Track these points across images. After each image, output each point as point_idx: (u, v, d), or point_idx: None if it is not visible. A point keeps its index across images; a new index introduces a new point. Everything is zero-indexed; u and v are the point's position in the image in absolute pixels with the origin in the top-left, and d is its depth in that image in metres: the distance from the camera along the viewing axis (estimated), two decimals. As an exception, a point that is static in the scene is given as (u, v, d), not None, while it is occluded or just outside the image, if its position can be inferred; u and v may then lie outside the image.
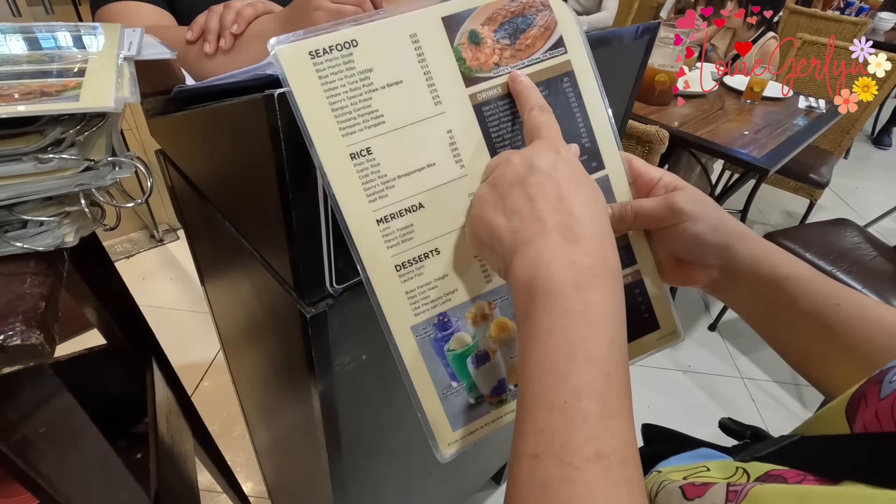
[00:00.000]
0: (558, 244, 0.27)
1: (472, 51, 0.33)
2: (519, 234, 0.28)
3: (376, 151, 0.31)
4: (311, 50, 0.29)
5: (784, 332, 0.36)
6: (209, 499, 1.23)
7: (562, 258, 0.26)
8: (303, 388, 0.53)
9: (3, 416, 0.32)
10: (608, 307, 0.26)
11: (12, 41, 0.40)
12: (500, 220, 0.29)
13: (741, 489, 0.24)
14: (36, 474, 0.35)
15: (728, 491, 0.25)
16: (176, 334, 1.63)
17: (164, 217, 2.03)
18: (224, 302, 0.74)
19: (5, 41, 0.40)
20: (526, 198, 0.28)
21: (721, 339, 1.80)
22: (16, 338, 0.26)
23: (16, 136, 0.31)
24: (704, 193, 0.36)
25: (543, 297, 0.26)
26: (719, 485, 0.26)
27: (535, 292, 0.26)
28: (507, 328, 0.35)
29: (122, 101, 0.32)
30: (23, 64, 0.37)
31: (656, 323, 0.39)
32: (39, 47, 0.40)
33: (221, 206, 0.54)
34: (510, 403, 0.35)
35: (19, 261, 0.31)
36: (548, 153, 0.30)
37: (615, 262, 0.28)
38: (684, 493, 0.28)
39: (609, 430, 0.23)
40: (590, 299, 0.26)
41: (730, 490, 0.25)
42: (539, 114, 0.32)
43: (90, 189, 0.32)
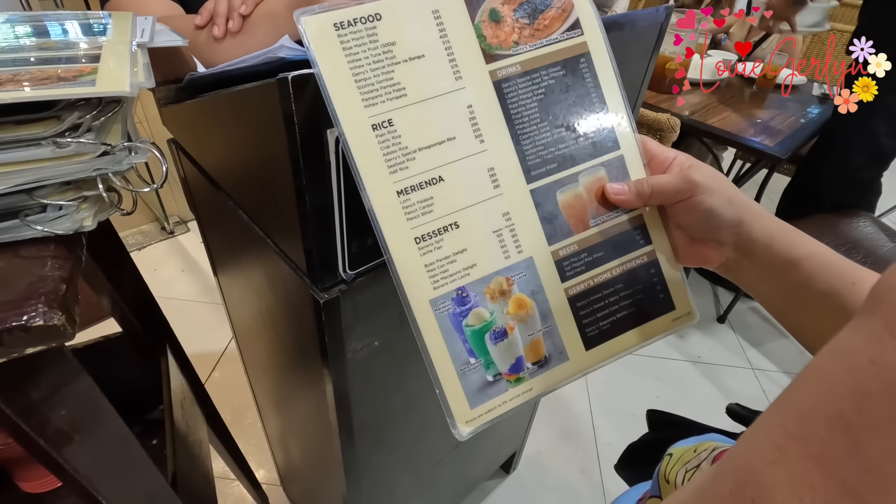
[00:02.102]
0: None
1: (493, 28, 0.34)
2: None
3: (397, 123, 0.31)
4: (335, 22, 0.30)
5: (799, 313, 0.36)
6: (222, 485, 1.25)
7: None
8: (316, 374, 0.53)
9: (27, 398, 0.32)
10: None
11: (25, 29, 0.41)
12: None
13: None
14: (58, 456, 0.36)
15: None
16: (187, 325, 1.64)
17: (175, 209, 2.04)
18: (237, 290, 0.74)
19: (18, 29, 0.40)
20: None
21: (731, 331, 1.79)
22: (38, 319, 0.27)
23: (34, 122, 0.31)
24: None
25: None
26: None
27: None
28: (524, 305, 0.35)
29: (138, 86, 0.32)
30: (37, 51, 0.37)
31: (672, 304, 0.39)
32: (52, 34, 0.41)
33: (234, 194, 0.54)
34: (527, 382, 0.35)
35: (39, 244, 0.31)
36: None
37: None
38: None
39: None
40: None
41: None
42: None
43: (107, 173, 0.32)
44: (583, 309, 0.37)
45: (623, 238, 0.38)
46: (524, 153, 0.35)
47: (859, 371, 0.15)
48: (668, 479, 0.32)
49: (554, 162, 0.36)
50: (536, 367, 0.36)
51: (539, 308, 0.36)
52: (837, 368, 0.16)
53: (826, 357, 0.16)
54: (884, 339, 0.14)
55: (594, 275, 0.37)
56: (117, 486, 0.42)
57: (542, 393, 0.36)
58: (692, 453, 0.31)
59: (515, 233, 0.35)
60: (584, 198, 0.37)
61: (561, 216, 0.36)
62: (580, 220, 0.37)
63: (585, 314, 0.37)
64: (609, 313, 0.38)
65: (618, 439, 1.42)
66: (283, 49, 0.37)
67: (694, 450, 0.31)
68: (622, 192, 0.37)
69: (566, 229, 0.37)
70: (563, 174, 0.36)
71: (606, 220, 0.37)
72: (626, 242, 0.38)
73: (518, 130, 0.35)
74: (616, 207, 0.38)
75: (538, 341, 0.36)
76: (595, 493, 1.30)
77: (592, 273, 0.37)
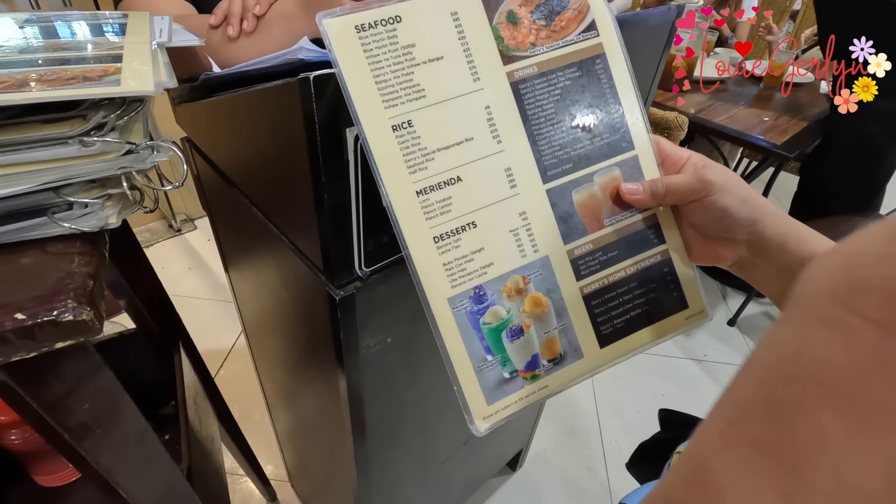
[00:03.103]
0: None
1: (510, 30, 0.34)
2: None
3: (417, 124, 0.32)
4: (357, 24, 0.30)
5: None
6: (231, 481, 1.26)
7: None
8: (329, 370, 0.54)
9: (52, 392, 0.33)
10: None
11: (46, 29, 0.41)
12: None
13: None
14: (81, 449, 0.37)
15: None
16: (195, 322, 1.64)
17: (182, 207, 2.06)
18: (248, 287, 0.75)
19: (39, 29, 0.41)
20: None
21: (738, 331, 1.79)
22: (68, 314, 0.27)
23: (59, 121, 0.32)
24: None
25: None
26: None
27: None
28: (540, 303, 0.36)
29: (162, 86, 0.33)
30: (60, 51, 0.38)
31: (685, 302, 0.40)
32: (72, 35, 0.41)
33: (248, 192, 0.55)
34: (543, 379, 0.36)
35: (66, 241, 0.32)
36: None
37: None
38: None
39: None
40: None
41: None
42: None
43: (131, 172, 0.33)
44: (597, 307, 0.37)
45: (637, 237, 0.38)
46: (540, 153, 0.35)
47: (786, 359, 0.16)
48: None
49: (570, 162, 0.36)
50: (552, 365, 0.36)
51: (554, 306, 0.36)
52: (768, 358, 0.17)
53: (760, 348, 0.18)
54: (805, 328, 0.16)
55: (609, 273, 0.38)
56: (136, 479, 0.43)
57: (558, 390, 0.36)
58: None
59: (532, 232, 0.35)
60: (598, 197, 0.37)
61: (576, 215, 0.37)
62: (595, 220, 0.37)
63: (600, 312, 0.37)
64: (623, 311, 0.38)
65: (624, 438, 1.43)
66: (303, 51, 0.38)
67: None
68: (637, 192, 0.37)
69: (581, 228, 0.37)
70: (578, 174, 0.37)
71: (621, 219, 0.38)
72: (641, 241, 0.38)
73: (535, 131, 0.35)
74: (630, 207, 0.38)
75: (553, 339, 0.36)
76: (601, 491, 1.31)
77: (607, 272, 0.38)
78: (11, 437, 0.58)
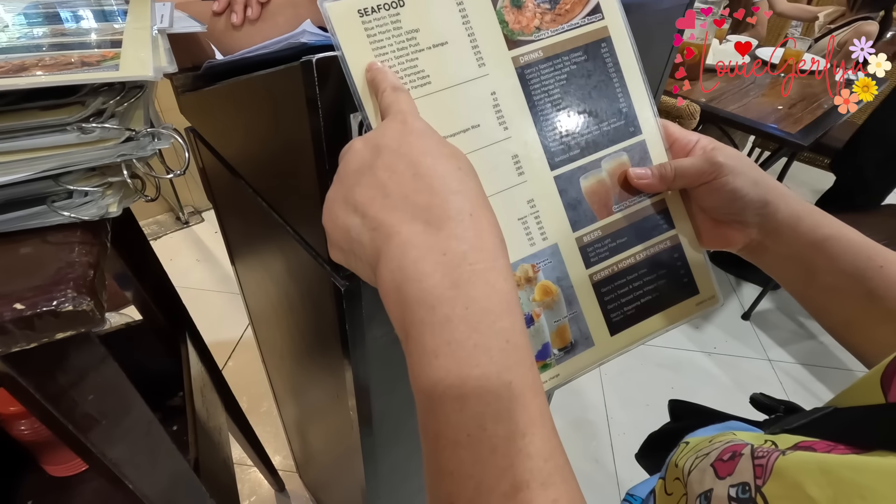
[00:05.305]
0: (422, 234, 0.23)
1: (515, 14, 0.33)
2: (377, 231, 0.24)
3: (422, 111, 0.31)
4: (360, 8, 0.29)
5: (824, 297, 0.35)
6: (240, 471, 1.27)
7: (429, 251, 0.22)
8: (336, 361, 0.53)
9: (55, 382, 0.33)
10: (496, 299, 0.22)
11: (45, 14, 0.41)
12: (353, 219, 0.25)
13: (766, 463, 0.24)
14: (86, 440, 0.36)
15: (755, 466, 0.24)
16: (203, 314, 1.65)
17: (189, 199, 2.06)
18: (254, 279, 0.75)
19: (38, 14, 0.40)
20: (376, 185, 0.24)
21: (749, 324, 1.76)
22: (68, 304, 0.27)
23: (58, 108, 0.31)
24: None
25: (418, 307, 0.22)
26: (745, 458, 0.25)
27: (408, 303, 0.22)
28: (550, 292, 0.35)
29: (161, 71, 0.32)
30: (59, 36, 0.37)
31: (695, 287, 0.39)
32: (71, 20, 0.41)
33: (254, 182, 0.54)
34: (554, 368, 0.35)
35: (66, 230, 0.31)
36: (393, 128, 0.25)
37: (493, 236, 0.24)
38: (716, 472, 0.27)
39: (523, 451, 0.21)
40: (471, 297, 0.22)
41: (756, 465, 0.24)
42: (391, 93, 0.27)
43: (131, 159, 0.32)
44: (607, 294, 0.36)
45: (646, 223, 0.37)
46: (547, 139, 0.35)
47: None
48: (677, 463, 0.31)
49: (577, 148, 0.35)
50: (563, 353, 0.35)
51: (564, 294, 0.35)
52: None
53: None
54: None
55: (618, 260, 0.37)
56: (143, 470, 0.43)
57: (569, 379, 0.36)
58: (707, 443, 0.30)
59: (540, 220, 0.35)
60: (607, 183, 0.36)
61: (585, 202, 0.36)
62: (604, 206, 0.36)
63: (610, 299, 0.37)
64: (633, 298, 0.37)
65: (632, 429, 1.42)
66: (306, 34, 0.37)
67: (710, 440, 0.31)
68: (645, 176, 0.36)
69: (590, 215, 0.36)
70: (586, 160, 0.36)
71: (630, 205, 0.37)
72: (650, 227, 0.38)
73: (541, 117, 0.34)
74: (639, 192, 0.37)
75: (564, 327, 0.35)
76: (609, 482, 1.30)
77: (616, 258, 0.37)
78: (21, 427, 0.58)
